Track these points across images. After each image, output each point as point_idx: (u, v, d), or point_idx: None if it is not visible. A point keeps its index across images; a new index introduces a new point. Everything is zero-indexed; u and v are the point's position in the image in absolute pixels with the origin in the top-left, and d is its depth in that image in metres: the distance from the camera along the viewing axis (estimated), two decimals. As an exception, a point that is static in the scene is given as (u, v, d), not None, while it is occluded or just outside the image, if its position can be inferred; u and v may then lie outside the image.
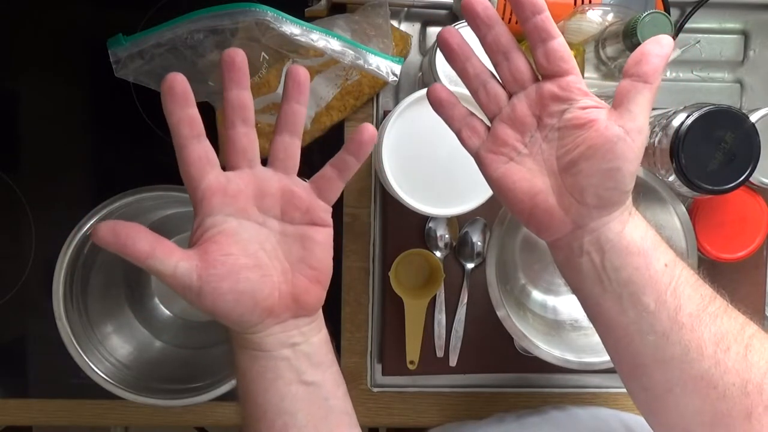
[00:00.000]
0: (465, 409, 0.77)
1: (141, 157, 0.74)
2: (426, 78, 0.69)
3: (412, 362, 0.73)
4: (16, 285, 0.74)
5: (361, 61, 0.62)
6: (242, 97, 0.46)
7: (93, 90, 0.74)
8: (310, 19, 0.64)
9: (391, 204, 0.73)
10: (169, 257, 0.43)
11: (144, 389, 0.65)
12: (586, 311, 0.49)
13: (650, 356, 0.46)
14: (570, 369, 0.67)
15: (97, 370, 0.64)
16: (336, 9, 0.71)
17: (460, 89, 0.49)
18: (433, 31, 0.75)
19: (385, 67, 0.63)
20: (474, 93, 0.48)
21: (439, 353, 0.74)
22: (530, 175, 0.46)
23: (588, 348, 0.68)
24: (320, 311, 0.49)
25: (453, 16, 0.73)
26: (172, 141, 0.45)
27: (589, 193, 0.44)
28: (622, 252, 0.45)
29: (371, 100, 0.74)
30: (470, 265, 0.74)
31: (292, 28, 0.59)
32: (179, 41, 0.59)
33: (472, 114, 0.48)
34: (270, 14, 0.58)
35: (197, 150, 0.45)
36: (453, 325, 0.74)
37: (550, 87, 0.45)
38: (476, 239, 0.74)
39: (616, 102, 0.44)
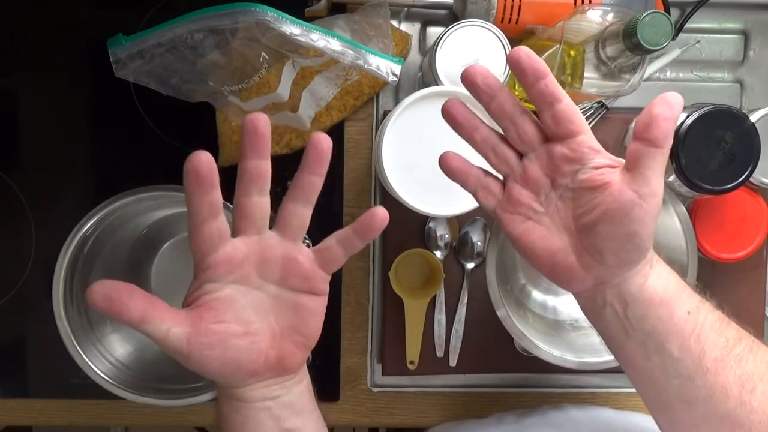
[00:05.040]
0: (465, 409, 0.77)
1: (141, 157, 0.74)
2: (426, 78, 0.69)
3: (412, 362, 0.73)
4: (16, 285, 0.74)
5: (361, 61, 0.62)
6: (262, 168, 0.44)
7: (93, 90, 0.74)
8: (310, 19, 0.64)
9: (391, 204, 0.72)
10: (162, 323, 0.43)
11: (144, 389, 0.65)
12: (610, 351, 0.50)
13: (675, 397, 0.46)
14: (570, 369, 0.67)
15: (97, 370, 0.64)
16: (336, 9, 0.71)
17: (463, 90, 0.49)
18: (433, 31, 0.75)
19: (385, 67, 0.63)
20: (484, 156, 0.48)
21: (439, 353, 0.74)
22: (549, 234, 0.46)
23: (588, 348, 0.68)
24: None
25: (453, 15, 0.73)
26: (188, 215, 0.44)
27: (608, 254, 0.44)
28: (644, 303, 0.46)
29: (371, 100, 0.74)
30: (470, 265, 0.74)
31: (292, 28, 0.59)
32: (179, 41, 0.59)
33: (487, 174, 0.49)
34: (270, 14, 0.58)
35: (212, 228, 0.44)
36: (453, 325, 0.74)
37: (560, 149, 0.45)
38: (476, 239, 0.74)
39: (629, 165, 0.44)
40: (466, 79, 0.46)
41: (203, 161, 0.42)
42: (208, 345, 0.44)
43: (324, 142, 0.45)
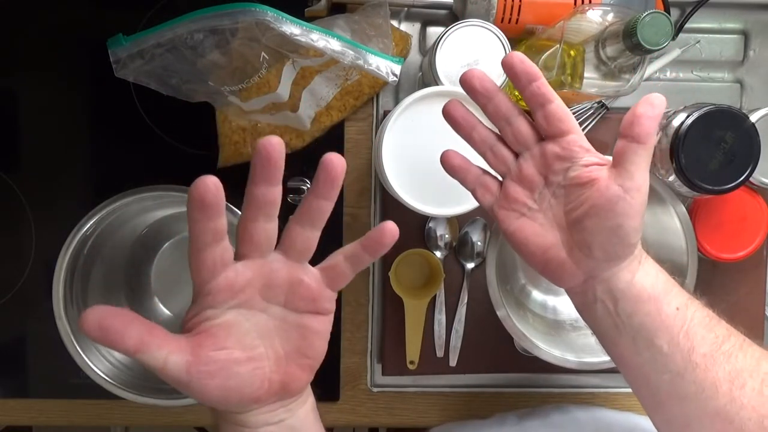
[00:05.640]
0: (465, 409, 0.77)
1: (141, 157, 0.74)
2: (426, 78, 0.69)
3: (412, 362, 0.73)
4: (16, 285, 0.74)
5: (361, 61, 0.62)
6: (270, 196, 0.41)
7: (93, 90, 0.74)
8: (310, 19, 0.64)
9: (391, 204, 0.73)
10: (159, 350, 0.41)
11: (144, 389, 0.65)
12: (604, 348, 0.51)
13: (666, 393, 0.47)
14: (570, 369, 0.67)
15: (97, 370, 0.64)
16: (336, 9, 0.71)
17: (461, 90, 0.49)
18: (433, 31, 0.75)
19: (385, 67, 0.63)
20: (482, 155, 0.51)
21: (439, 353, 0.74)
22: (542, 230, 0.49)
23: (588, 348, 0.67)
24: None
25: (453, 15, 0.73)
26: (189, 239, 0.42)
27: (596, 248, 0.46)
28: (633, 299, 0.47)
29: (371, 100, 0.74)
30: (470, 265, 0.74)
31: (292, 28, 0.59)
32: (179, 41, 0.59)
33: (485, 173, 0.51)
34: (270, 14, 0.58)
35: (214, 254, 0.42)
36: (453, 325, 0.74)
37: (552, 148, 0.47)
38: (476, 239, 0.74)
39: (615, 161, 0.46)
40: (464, 82, 0.48)
41: (209, 188, 0.39)
42: (209, 374, 0.42)
43: (338, 165, 0.42)
